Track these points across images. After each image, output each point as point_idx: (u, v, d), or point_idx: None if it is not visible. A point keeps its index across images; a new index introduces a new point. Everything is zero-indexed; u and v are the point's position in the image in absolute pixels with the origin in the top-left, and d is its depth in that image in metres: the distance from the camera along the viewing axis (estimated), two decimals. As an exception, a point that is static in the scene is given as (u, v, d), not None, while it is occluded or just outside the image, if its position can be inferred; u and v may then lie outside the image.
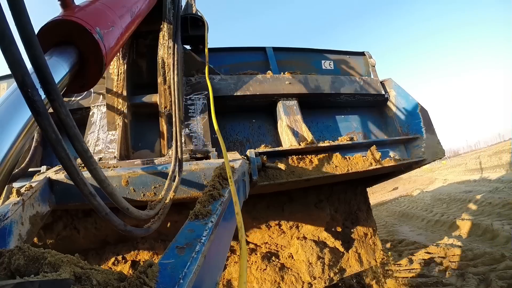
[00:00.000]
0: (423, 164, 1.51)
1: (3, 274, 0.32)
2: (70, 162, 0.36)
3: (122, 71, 1.18)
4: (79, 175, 0.37)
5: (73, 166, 0.36)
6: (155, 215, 0.63)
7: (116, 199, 0.46)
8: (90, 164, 0.41)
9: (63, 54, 0.53)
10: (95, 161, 0.42)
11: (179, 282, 0.38)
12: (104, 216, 0.41)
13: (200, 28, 1.59)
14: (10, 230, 0.56)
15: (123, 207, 0.48)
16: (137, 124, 1.28)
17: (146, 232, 0.58)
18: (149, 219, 0.61)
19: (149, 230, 0.59)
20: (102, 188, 0.43)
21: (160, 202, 0.67)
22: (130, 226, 0.49)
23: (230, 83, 1.42)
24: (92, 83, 0.62)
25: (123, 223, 0.46)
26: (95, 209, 0.40)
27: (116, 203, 0.46)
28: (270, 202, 1.52)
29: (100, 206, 0.40)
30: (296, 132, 1.39)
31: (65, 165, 0.36)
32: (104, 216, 0.41)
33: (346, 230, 1.65)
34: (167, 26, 1.24)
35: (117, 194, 0.46)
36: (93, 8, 0.62)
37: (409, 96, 1.64)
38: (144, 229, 0.58)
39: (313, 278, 1.43)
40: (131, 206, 0.51)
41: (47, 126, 0.33)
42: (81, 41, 0.56)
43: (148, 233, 0.59)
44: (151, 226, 0.60)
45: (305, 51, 1.79)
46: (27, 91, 0.31)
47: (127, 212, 0.50)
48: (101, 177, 0.42)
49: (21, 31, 0.32)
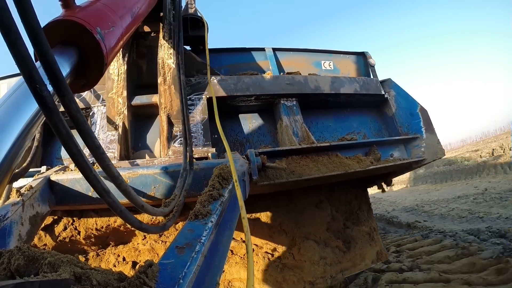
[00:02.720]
0: (423, 164, 1.51)
1: (3, 274, 0.32)
2: (82, 158, 0.35)
3: (122, 72, 1.19)
4: (92, 171, 0.36)
5: (85, 162, 0.35)
6: (170, 212, 0.63)
7: (130, 196, 0.45)
8: (103, 161, 0.39)
9: (64, 54, 0.54)
10: (108, 158, 0.41)
11: (179, 282, 0.38)
12: (119, 213, 0.40)
13: (200, 29, 1.59)
14: (10, 230, 0.56)
15: (138, 204, 0.47)
16: (137, 124, 1.28)
17: (161, 229, 0.58)
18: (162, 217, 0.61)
19: (165, 227, 0.59)
20: (116, 185, 0.42)
21: (174, 200, 0.67)
22: (145, 224, 0.49)
23: (230, 83, 1.42)
24: (93, 82, 0.62)
25: (138, 220, 0.45)
26: (109, 206, 0.39)
27: (131, 201, 0.45)
28: (270, 203, 1.52)
29: (115, 204, 0.39)
30: (296, 132, 1.39)
31: (77, 161, 0.35)
32: (119, 213, 0.40)
33: (347, 230, 1.64)
34: (167, 26, 1.25)
35: (132, 191, 0.45)
36: (94, 9, 0.62)
37: (408, 96, 1.64)
38: (159, 226, 0.58)
39: (315, 278, 1.42)
40: (146, 203, 0.50)
41: (57, 122, 0.32)
42: (82, 41, 0.56)
43: (164, 230, 0.59)
44: (166, 224, 0.60)
45: (305, 52, 1.80)
46: (35, 87, 0.31)
47: (142, 209, 0.49)
48: (114, 173, 0.41)
49: (27, 27, 0.31)
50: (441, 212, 4.11)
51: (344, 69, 1.81)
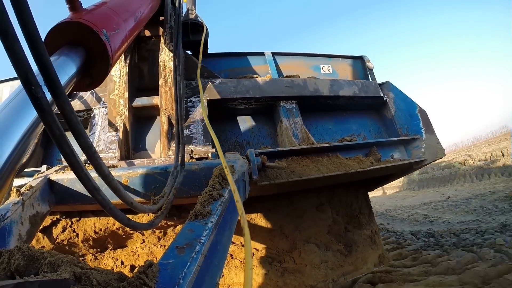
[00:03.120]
0: (423, 165, 1.51)
1: (3, 274, 0.31)
2: (75, 157, 0.36)
3: (124, 74, 1.20)
4: (83, 170, 0.37)
5: (77, 161, 0.36)
6: (158, 210, 0.63)
7: (120, 193, 0.46)
8: (95, 159, 0.41)
9: (71, 54, 0.55)
10: (99, 157, 0.42)
11: (179, 282, 0.37)
12: (108, 210, 0.41)
13: (200, 34, 1.62)
14: (10, 230, 0.56)
15: (127, 201, 0.48)
16: (138, 125, 1.29)
17: (149, 226, 0.58)
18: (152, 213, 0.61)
19: (153, 224, 0.59)
20: (107, 183, 0.43)
21: (163, 197, 0.67)
22: (134, 221, 0.49)
23: (230, 86, 1.44)
24: (98, 82, 0.63)
25: (127, 217, 0.46)
26: (99, 203, 0.40)
27: (120, 198, 0.46)
28: (270, 205, 1.51)
29: (104, 201, 0.40)
30: (296, 134, 1.39)
31: (69, 160, 0.36)
32: (108, 210, 0.41)
33: (349, 234, 1.62)
34: (168, 30, 1.28)
35: (121, 189, 0.46)
36: (100, 12, 0.64)
37: (407, 97, 1.66)
38: (147, 223, 0.58)
39: (317, 282, 1.40)
40: (135, 200, 0.51)
41: (50, 122, 0.33)
42: (89, 42, 0.58)
43: (151, 227, 0.59)
44: (154, 221, 0.60)
45: (304, 56, 1.82)
46: (30, 89, 0.31)
47: (131, 206, 0.50)
48: (105, 172, 0.42)
49: (24, 29, 0.32)
50: (403, 217, 4.70)
51: (342, 73, 1.83)
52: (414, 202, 6.51)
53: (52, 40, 0.56)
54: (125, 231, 1.25)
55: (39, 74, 0.34)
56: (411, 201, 6.79)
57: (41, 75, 0.35)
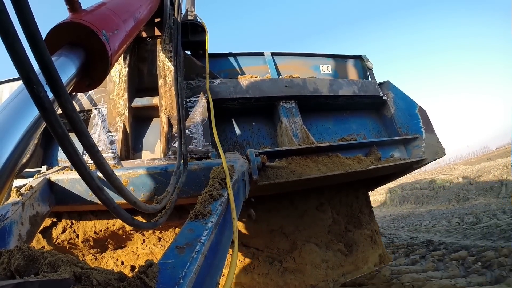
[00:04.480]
0: (424, 164, 1.51)
1: (3, 274, 0.31)
2: (78, 156, 0.36)
3: (123, 74, 1.20)
4: (87, 169, 0.37)
5: (80, 160, 0.36)
6: (162, 209, 0.63)
7: (123, 193, 0.46)
8: (97, 159, 0.40)
9: (71, 54, 0.55)
10: (102, 156, 0.42)
11: (179, 282, 0.37)
12: (112, 209, 0.41)
13: (200, 34, 1.62)
14: (10, 230, 0.56)
15: (131, 200, 0.48)
16: (138, 126, 1.29)
17: (153, 226, 0.58)
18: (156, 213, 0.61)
19: (157, 223, 0.59)
20: (110, 182, 0.43)
21: (167, 197, 0.67)
22: (138, 220, 0.49)
23: (230, 86, 1.44)
24: (97, 82, 0.63)
25: (131, 216, 0.46)
26: (103, 203, 0.40)
27: (123, 197, 0.46)
28: (271, 206, 1.51)
29: (108, 200, 0.40)
30: (295, 133, 1.39)
31: (72, 159, 0.36)
32: (112, 209, 0.41)
33: (349, 233, 1.62)
34: (167, 31, 1.27)
35: (124, 188, 0.46)
36: (99, 12, 0.64)
37: (407, 97, 1.65)
38: (151, 222, 0.58)
39: (317, 281, 1.40)
40: (138, 200, 0.51)
41: (53, 121, 0.33)
42: (89, 42, 0.58)
43: (155, 226, 0.59)
44: (158, 220, 0.60)
45: (304, 56, 1.82)
46: (32, 88, 0.31)
47: (135, 206, 0.50)
48: (108, 171, 0.42)
49: (25, 29, 0.32)
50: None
51: (342, 72, 1.83)
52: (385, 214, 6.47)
53: (52, 40, 0.56)
54: (126, 231, 1.25)
55: (41, 73, 0.34)
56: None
57: (42, 74, 0.35)
